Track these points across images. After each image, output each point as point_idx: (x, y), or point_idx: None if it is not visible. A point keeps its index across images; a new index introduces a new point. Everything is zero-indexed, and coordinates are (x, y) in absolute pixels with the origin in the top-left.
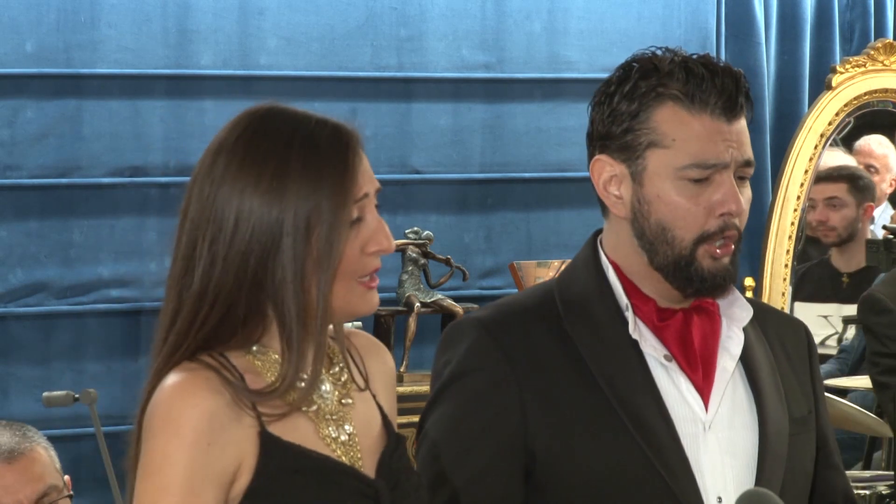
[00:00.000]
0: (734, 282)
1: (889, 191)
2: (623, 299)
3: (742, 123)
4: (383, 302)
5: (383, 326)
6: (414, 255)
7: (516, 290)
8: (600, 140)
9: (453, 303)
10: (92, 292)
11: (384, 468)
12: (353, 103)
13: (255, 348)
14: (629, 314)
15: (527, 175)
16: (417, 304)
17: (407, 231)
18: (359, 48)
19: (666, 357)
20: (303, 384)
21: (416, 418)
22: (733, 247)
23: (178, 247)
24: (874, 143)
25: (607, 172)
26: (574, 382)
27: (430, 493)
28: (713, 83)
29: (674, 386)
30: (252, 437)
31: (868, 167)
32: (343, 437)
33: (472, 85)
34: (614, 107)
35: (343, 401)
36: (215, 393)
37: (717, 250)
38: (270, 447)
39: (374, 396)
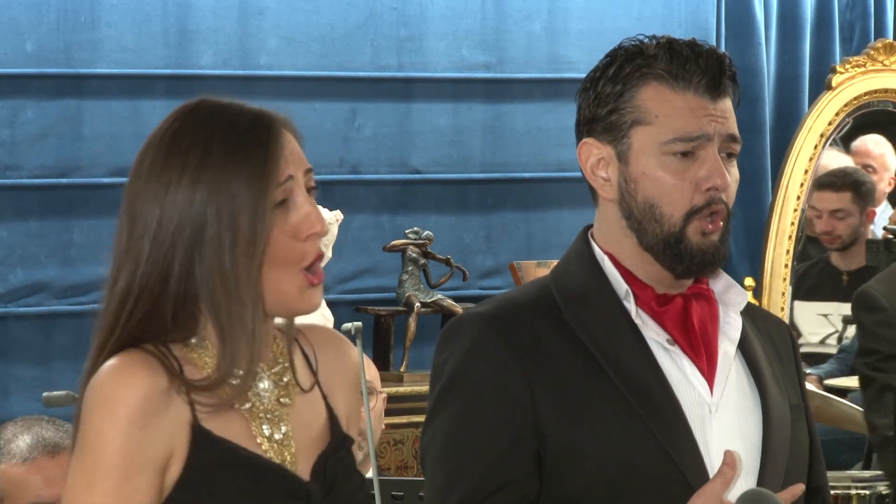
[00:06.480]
0: (724, 260)
1: (888, 190)
2: (623, 286)
3: (727, 103)
4: (383, 302)
5: (383, 326)
6: (414, 255)
7: None
8: (586, 125)
9: (453, 303)
10: (92, 292)
11: (319, 470)
12: (353, 103)
13: (193, 341)
14: (629, 301)
15: (527, 175)
16: (417, 304)
17: (407, 231)
18: (359, 48)
19: (668, 341)
20: (237, 380)
21: (416, 418)
22: (722, 224)
23: (115, 246)
24: (871, 142)
25: (594, 155)
26: (580, 370)
27: (443, 492)
28: (697, 63)
29: (678, 369)
30: (184, 428)
31: (866, 167)
32: (277, 437)
33: (472, 85)
34: (599, 90)
35: (282, 400)
36: (153, 375)
37: (709, 225)
38: (201, 440)
39: (324, 397)
